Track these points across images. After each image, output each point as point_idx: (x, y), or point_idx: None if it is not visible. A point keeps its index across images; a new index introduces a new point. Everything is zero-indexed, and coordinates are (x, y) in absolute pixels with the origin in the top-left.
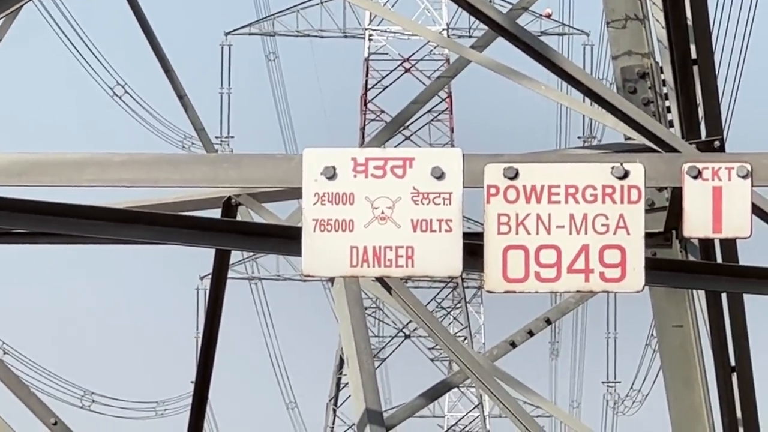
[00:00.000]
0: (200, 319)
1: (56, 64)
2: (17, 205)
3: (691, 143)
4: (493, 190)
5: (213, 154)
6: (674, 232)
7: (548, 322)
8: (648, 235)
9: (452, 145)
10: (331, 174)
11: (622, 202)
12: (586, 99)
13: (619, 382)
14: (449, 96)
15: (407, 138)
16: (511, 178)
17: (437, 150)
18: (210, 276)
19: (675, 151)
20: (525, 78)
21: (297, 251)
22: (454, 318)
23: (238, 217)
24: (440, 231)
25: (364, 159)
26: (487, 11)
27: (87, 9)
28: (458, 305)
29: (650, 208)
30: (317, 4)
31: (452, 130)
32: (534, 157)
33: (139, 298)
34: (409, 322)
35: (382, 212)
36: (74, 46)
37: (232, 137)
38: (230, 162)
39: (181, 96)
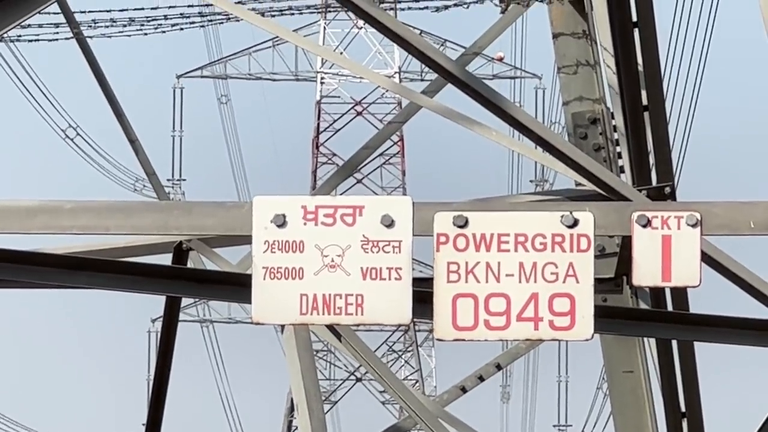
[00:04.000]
0: (152, 361)
1: (7, 106)
2: None
3: (641, 189)
4: (442, 239)
5: (164, 202)
6: (625, 277)
7: (498, 367)
8: (598, 281)
9: (404, 188)
10: (281, 222)
11: (571, 250)
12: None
13: (571, 425)
14: (401, 139)
15: (359, 181)
16: (460, 227)
17: (387, 198)
18: (161, 319)
19: (625, 198)
20: (476, 124)
21: (248, 298)
22: (406, 361)
23: (189, 263)
24: (390, 279)
25: (314, 207)
26: (437, 58)
27: (39, 51)
28: (409, 348)
29: (600, 254)
30: (269, 47)
31: (404, 173)
32: (484, 205)
33: (89, 340)
34: (360, 366)
35: (332, 260)
36: (26, 88)
37: (184, 180)
38: (181, 209)
39: (133, 140)
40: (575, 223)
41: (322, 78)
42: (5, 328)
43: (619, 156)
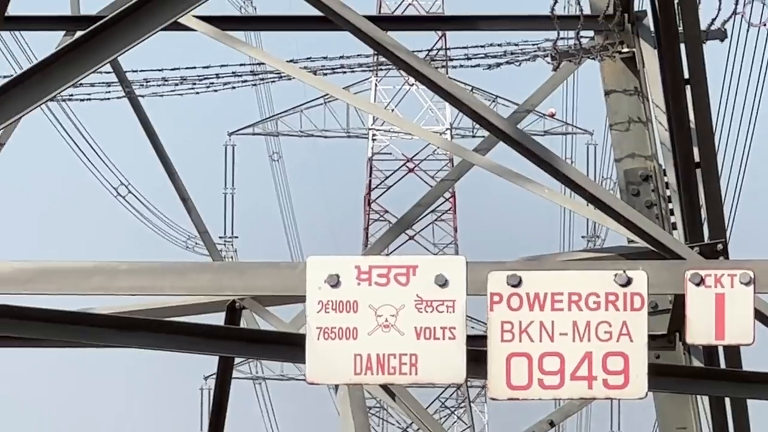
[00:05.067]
0: (204, 419)
1: (59, 165)
2: (24, 312)
3: (693, 246)
4: (496, 298)
5: (217, 263)
6: (678, 334)
7: (552, 424)
8: (651, 338)
9: (456, 245)
10: (334, 282)
11: (625, 309)
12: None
13: None
14: (453, 196)
15: (411, 238)
16: (514, 286)
17: (440, 258)
18: (215, 376)
19: (678, 256)
20: (528, 181)
21: (301, 358)
22: (458, 417)
23: (242, 322)
24: (444, 339)
25: (368, 267)
26: (488, 116)
27: (90, 110)
28: (462, 404)
29: (654, 311)
30: (321, 104)
31: (456, 230)
32: (537, 264)
33: (141, 398)
34: (412, 422)
35: (386, 320)
36: (78, 147)
37: (236, 237)
38: (234, 270)
39: (185, 199)
40: (629, 282)
41: (373, 135)
42: (57, 386)
43: (672, 212)
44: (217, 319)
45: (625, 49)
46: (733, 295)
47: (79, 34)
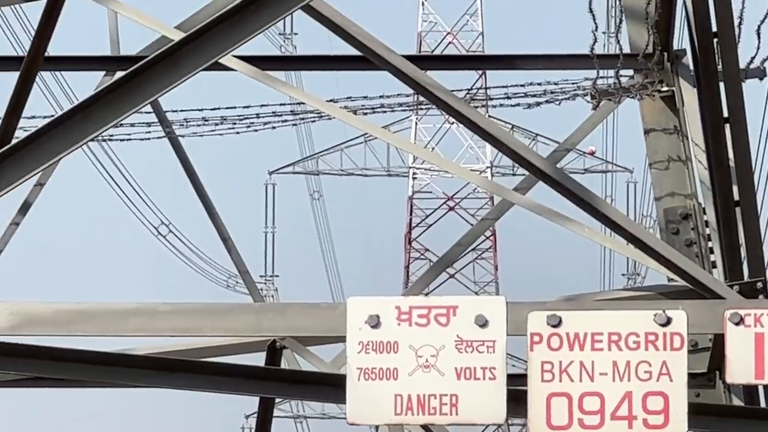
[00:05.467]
0: None
1: (99, 205)
2: (64, 354)
3: (733, 285)
4: (536, 338)
5: (258, 304)
6: (718, 372)
7: None
8: (691, 376)
9: (497, 283)
10: (375, 323)
11: (665, 348)
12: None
13: None
14: (493, 234)
15: (451, 276)
16: (554, 326)
17: (481, 298)
18: (255, 415)
19: (717, 295)
20: (568, 220)
21: (342, 398)
22: None
23: (283, 362)
24: (484, 379)
25: (408, 308)
26: (528, 157)
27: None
28: None
29: (693, 349)
30: (361, 143)
31: (496, 268)
32: (577, 304)
33: None
34: None
35: (426, 360)
36: (119, 186)
37: (277, 276)
38: (275, 311)
39: (225, 239)
40: (668, 322)
41: (414, 173)
42: (101, 426)
43: (711, 251)
44: (258, 358)
45: (665, 88)
46: None
47: (119, 74)
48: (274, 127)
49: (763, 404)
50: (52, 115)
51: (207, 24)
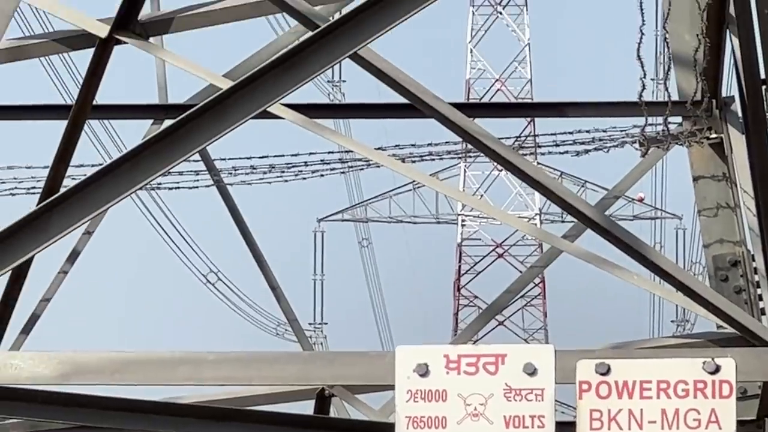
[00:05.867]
0: None
1: (149, 253)
2: (109, 403)
3: None
4: (585, 386)
5: (306, 352)
6: (766, 419)
7: None
8: (740, 423)
9: (546, 330)
10: (423, 371)
11: (713, 397)
12: None
13: None
14: (542, 281)
15: (500, 323)
16: (603, 374)
17: (529, 346)
18: None
19: (766, 343)
20: (617, 268)
21: None
22: None
23: (332, 410)
24: (533, 427)
25: (457, 356)
26: (577, 205)
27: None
28: None
29: (742, 396)
30: (410, 190)
31: (545, 315)
32: (625, 352)
33: None
34: None
35: (475, 409)
36: (167, 235)
37: (326, 323)
38: (324, 360)
39: (274, 287)
40: (717, 370)
41: (463, 220)
42: None
43: (760, 298)
44: (307, 407)
45: (713, 135)
46: None
47: (167, 123)
48: (322, 175)
49: None
50: (101, 164)
51: (256, 72)
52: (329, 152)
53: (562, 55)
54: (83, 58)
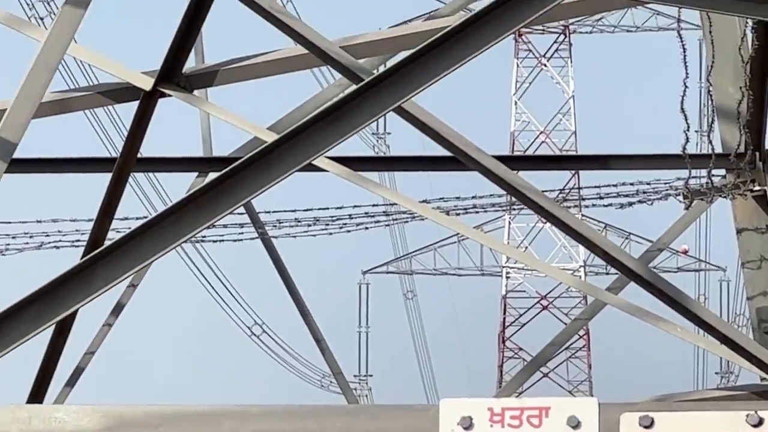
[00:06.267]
0: None
1: (194, 306)
2: None
3: None
4: None
5: (351, 405)
6: None
7: None
8: None
9: (590, 382)
10: (467, 424)
11: None
12: None
13: None
14: (587, 333)
15: (545, 375)
16: (646, 427)
17: (573, 400)
18: None
19: None
20: (661, 320)
21: None
22: None
23: None
24: None
25: (501, 409)
26: (621, 258)
27: (223, 249)
28: None
29: None
30: (454, 242)
31: (590, 367)
32: (669, 405)
33: None
34: None
35: None
36: (212, 287)
37: (371, 376)
38: (368, 413)
39: (318, 339)
40: (760, 423)
41: (507, 272)
42: None
43: None
44: None
45: (757, 188)
46: None
47: (211, 176)
48: (367, 228)
49: None
50: (145, 217)
51: (300, 125)
52: (374, 205)
53: (606, 106)
54: (128, 110)
